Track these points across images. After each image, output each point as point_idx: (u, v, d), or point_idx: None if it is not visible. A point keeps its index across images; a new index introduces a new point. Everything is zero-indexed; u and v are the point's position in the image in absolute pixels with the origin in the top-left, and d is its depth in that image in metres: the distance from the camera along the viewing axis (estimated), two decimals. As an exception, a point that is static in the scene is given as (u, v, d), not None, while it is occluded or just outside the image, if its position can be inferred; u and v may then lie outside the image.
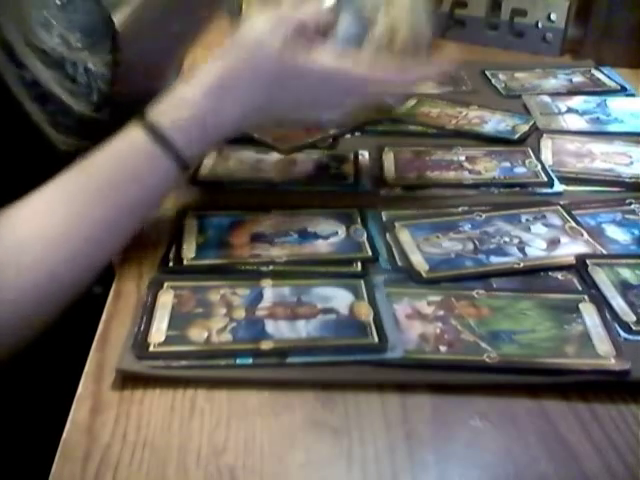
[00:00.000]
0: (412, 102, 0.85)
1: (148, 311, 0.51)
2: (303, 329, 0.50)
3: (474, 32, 1.08)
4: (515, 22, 1.05)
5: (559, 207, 0.64)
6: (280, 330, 0.50)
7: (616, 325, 0.51)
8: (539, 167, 0.71)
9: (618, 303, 0.53)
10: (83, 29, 0.63)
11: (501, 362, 0.48)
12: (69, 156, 0.55)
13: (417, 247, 0.59)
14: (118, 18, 0.73)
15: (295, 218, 0.62)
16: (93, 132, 0.57)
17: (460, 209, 0.64)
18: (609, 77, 0.94)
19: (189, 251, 0.58)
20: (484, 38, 1.07)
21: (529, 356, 0.48)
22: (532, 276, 0.57)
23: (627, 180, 0.70)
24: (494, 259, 0.58)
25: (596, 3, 1.01)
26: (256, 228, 0.61)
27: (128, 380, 0.47)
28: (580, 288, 0.55)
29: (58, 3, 0.62)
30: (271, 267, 0.56)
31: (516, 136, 0.77)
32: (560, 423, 0.45)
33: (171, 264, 0.57)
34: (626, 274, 0.56)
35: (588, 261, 0.57)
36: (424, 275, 0.56)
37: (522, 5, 1.04)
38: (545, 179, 0.69)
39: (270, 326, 0.50)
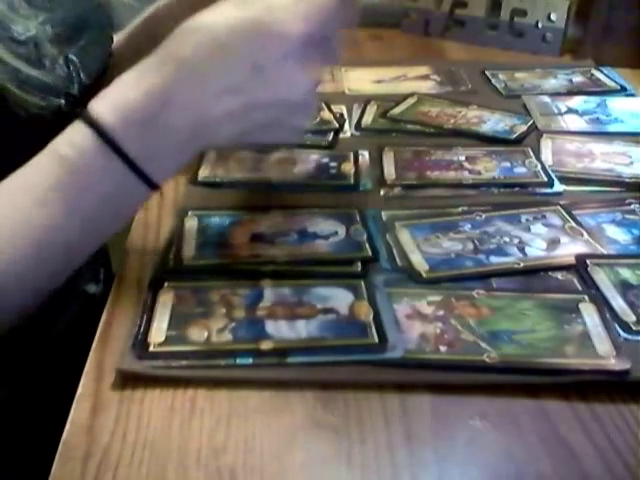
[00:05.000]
0: (412, 101, 0.85)
1: (148, 311, 0.51)
2: (303, 329, 0.50)
3: (474, 32, 1.08)
4: (515, 22, 1.05)
5: (559, 207, 0.64)
6: (280, 330, 0.50)
7: (616, 325, 0.51)
8: (539, 167, 0.71)
9: (618, 303, 0.53)
10: (67, 18, 0.61)
11: (501, 362, 0.48)
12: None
13: (417, 247, 0.59)
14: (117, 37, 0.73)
15: (295, 218, 0.62)
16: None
17: (460, 209, 0.64)
18: (609, 77, 0.94)
19: (189, 251, 0.58)
20: (484, 38, 1.07)
21: (529, 356, 0.48)
22: (532, 276, 0.56)
23: (627, 180, 0.70)
24: (494, 259, 0.58)
25: (596, 3, 1.01)
26: (256, 228, 0.61)
27: (128, 380, 0.47)
28: (580, 288, 0.55)
29: None
30: (271, 267, 0.56)
31: (513, 136, 0.77)
32: (560, 423, 0.45)
33: (171, 264, 0.57)
34: (626, 274, 0.56)
35: (588, 261, 0.57)
36: (424, 275, 0.56)
37: (522, 5, 1.04)
38: (545, 179, 0.69)
39: (270, 326, 0.50)
